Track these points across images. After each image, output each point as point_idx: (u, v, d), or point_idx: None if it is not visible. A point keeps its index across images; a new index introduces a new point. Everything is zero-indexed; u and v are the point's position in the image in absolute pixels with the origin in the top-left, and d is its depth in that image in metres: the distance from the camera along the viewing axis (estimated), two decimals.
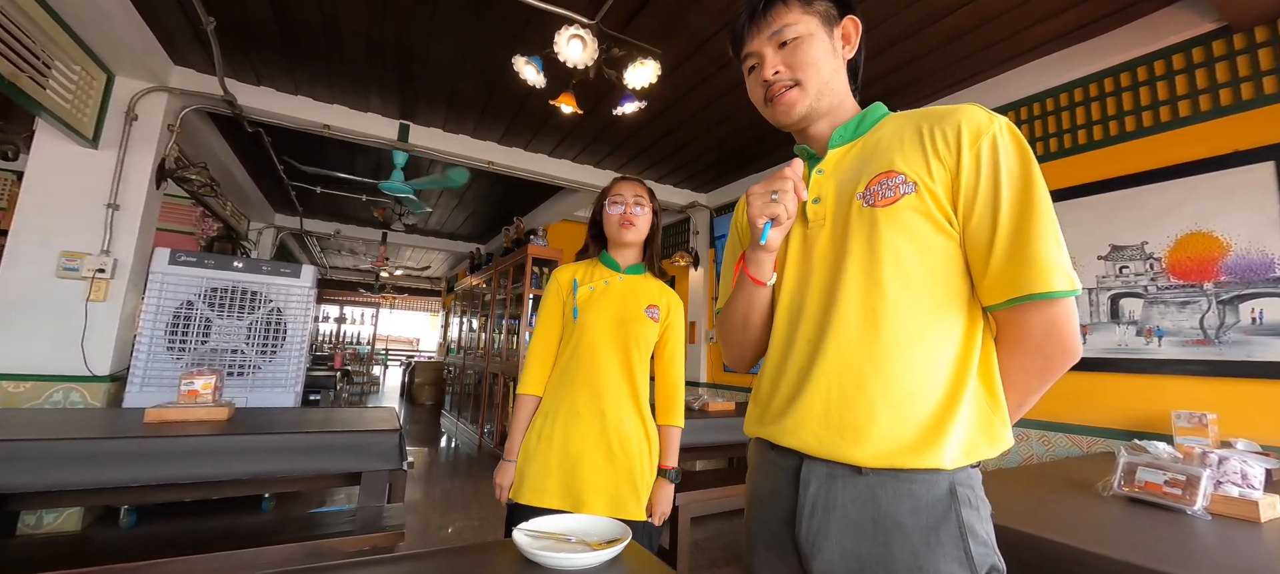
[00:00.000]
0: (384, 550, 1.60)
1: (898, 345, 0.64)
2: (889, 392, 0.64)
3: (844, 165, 0.75)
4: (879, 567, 0.62)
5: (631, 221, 1.35)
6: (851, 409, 0.65)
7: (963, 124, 0.66)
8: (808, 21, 0.74)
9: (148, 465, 1.49)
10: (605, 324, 1.32)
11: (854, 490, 0.64)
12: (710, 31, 2.53)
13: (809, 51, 0.74)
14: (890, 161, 0.69)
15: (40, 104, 2.32)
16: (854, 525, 0.63)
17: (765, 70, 0.76)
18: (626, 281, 1.38)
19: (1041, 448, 2.45)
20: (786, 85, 0.75)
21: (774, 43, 0.75)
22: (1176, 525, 1.10)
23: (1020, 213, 0.62)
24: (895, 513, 0.62)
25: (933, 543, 0.61)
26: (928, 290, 0.66)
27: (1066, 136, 2.52)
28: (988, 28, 2.40)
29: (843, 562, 0.63)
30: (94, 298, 2.68)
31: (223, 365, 2.79)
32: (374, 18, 2.56)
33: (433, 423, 7.05)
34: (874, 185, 0.68)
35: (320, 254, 9.47)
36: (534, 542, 0.79)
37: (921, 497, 0.62)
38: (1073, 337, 0.63)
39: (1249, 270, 1.96)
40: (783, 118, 0.77)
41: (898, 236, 0.66)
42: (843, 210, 0.71)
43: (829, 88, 0.75)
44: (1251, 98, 2.01)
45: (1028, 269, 0.61)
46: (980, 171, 0.64)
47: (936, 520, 0.61)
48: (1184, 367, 2.08)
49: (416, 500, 3.59)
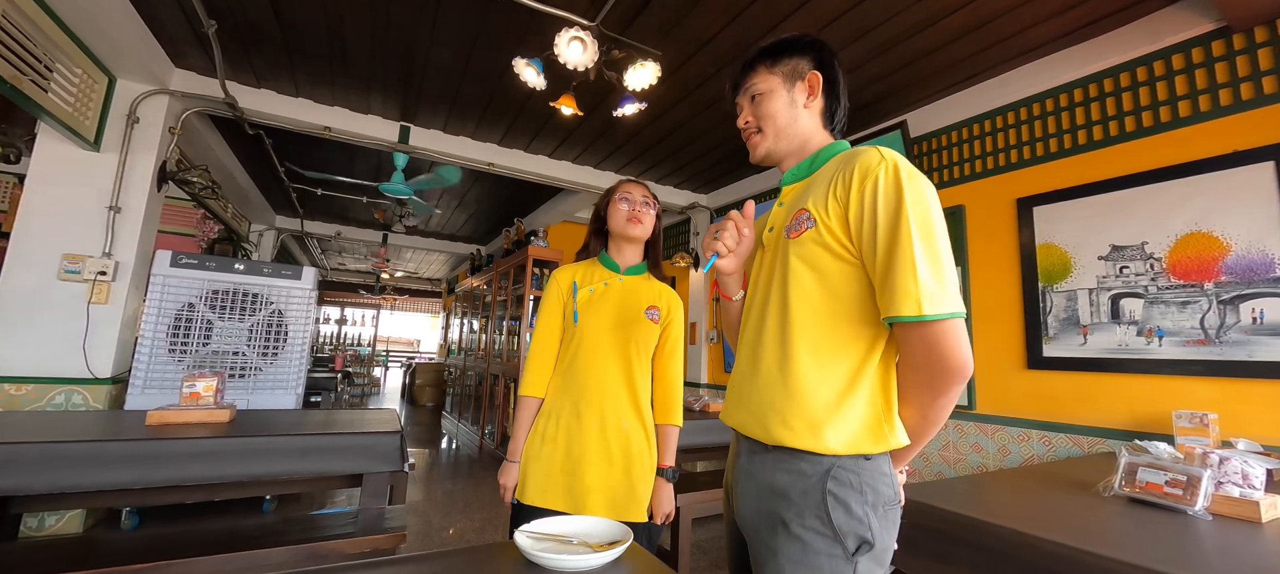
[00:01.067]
0: (385, 552, 1.60)
1: (798, 355, 0.79)
2: (787, 392, 0.79)
3: (791, 200, 0.90)
4: (764, 522, 0.80)
5: (639, 219, 1.36)
6: (765, 403, 0.82)
7: (856, 167, 0.77)
8: (770, 80, 0.92)
9: (150, 468, 1.50)
10: (605, 326, 1.33)
11: (761, 462, 0.83)
12: (710, 33, 2.54)
13: (768, 105, 0.92)
14: (805, 201, 0.84)
15: (42, 107, 2.32)
16: (760, 487, 0.82)
17: (739, 119, 0.97)
18: (626, 283, 1.38)
19: (1042, 448, 2.45)
20: (752, 131, 0.94)
21: (747, 97, 0.95)
22: (1177, 526, 1.10)
23: (890, 243, 0.72)
24: (783, 482, 0.79)
25: (803, 509, 0.76)
26: (828, 310, 0.79)
27: (1066, 137, 2.52)
28: (988, 28, 2.40)
29: (749, 513, 0.83)
30: (96, 300, 2.69)
31: (224, 368, 2.80)
32: (376, 20, 2.56)
33: (433, 424, 7.05)
34: (792, 221, 0.84)
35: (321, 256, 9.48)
36: (536, 544, 0.79)
37: (804, 472, 0.77)
38: (954, 355, 0.70)
39: (1250, 270, 1.96)
40: (752, 157, 0.96)
41: (800, 264, 0.81)
42: (777, 240, 0.87)
43: (786, 132, 0.92)
44: (1251, 98, 2.01)
45: (897, 294, 0.70)
46: (862, 208, 0.76)
47: (809, 490, 0.76)
48: (1185, 367, 2.08)
49: (417, 502, 3.59)
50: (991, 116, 2.83)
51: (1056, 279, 2.48)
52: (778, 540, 0.76)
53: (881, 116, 3.24)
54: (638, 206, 1.37)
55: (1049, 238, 2.52)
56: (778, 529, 0.77)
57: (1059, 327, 2.45)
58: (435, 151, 3.78)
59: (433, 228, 7.09)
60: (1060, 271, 2.47)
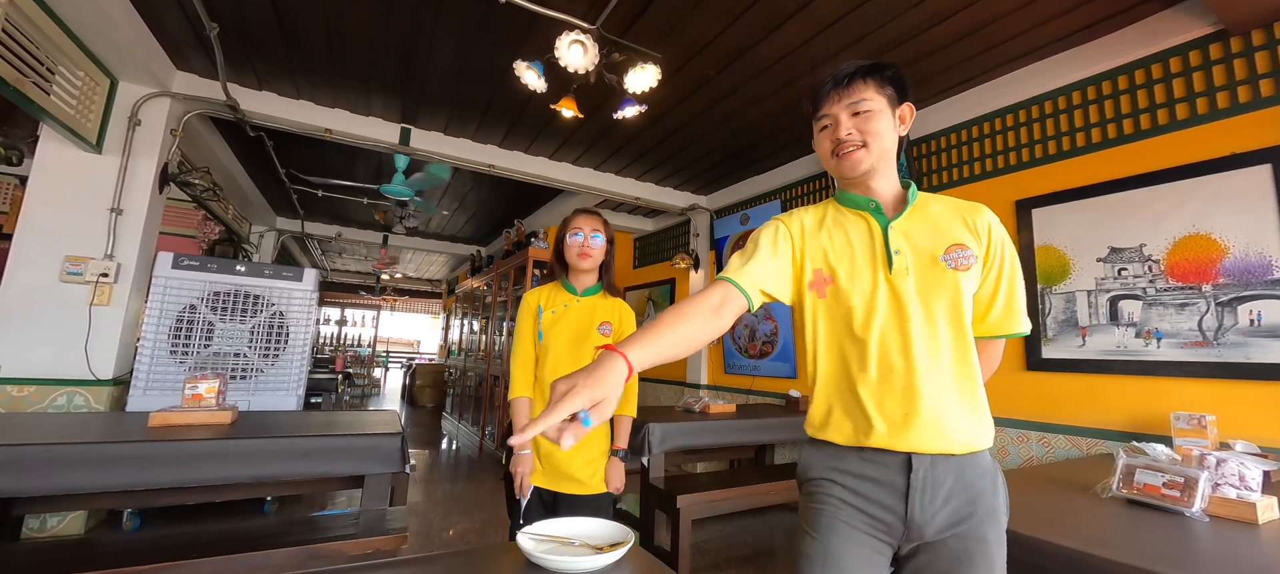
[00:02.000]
0: (387, 554, 1.60)
1: (972, 369, 0.90)
2: (972, 402, 0.89)
3: (912, 229, 0.94)
4: (971, 518, 0.85)
5: (588, 253, 1.57)
6: (950, 417, 0.87)
7: (985, 219, 0.95)
8: (879, 100, 0.93)
9: (152, 469, 1.50)
10: (564, 344, 1.56)
11: (949, 468, 0.86)
12: (710, 35, 2.55)
13: (877, 122, 0.93)
14: (958, 237, 0.93)
15: (44, 109, 2.33)
16: (954, 494, 0.85)
17: (840, 131, 0.94)
18: (582, 304, 1.61)
19: (1041, 450, 2.45)
20: (857, 145, 0.93)
21: (849, 110, 0.94)
22: (1174, 527, 1.10)
23: (1012, 281, 0.95)
24: (977, 481, 0.86)
25: (993, 497, 0.87)
26: (967, 323, 0.91)
27: (1065, 139, 2.53)
28: (987, 31, 2.41)
29: (947, 521, 0.85)
30: (98, 302, 2.69)
31: (225, 369, 2.80)
32: (377, 22, 2.57)
33: (434, 425, 7.05)
34: (953, 252, 0.91)
35: (321, 257, 9.49)
36: (538, 545, 0.80)
37: (984, 465, 0.89)
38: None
39: (1247, 272, 1.97)
40: (847, 171, 0.95)
41: (965, 293, 0.90)
42: (926, 266, 0.91)
43: (886, 155, 0.95)
44: (1249, 101, 2.02)
45: (1019, 317, 0.97)
46: (992, 252, 0.94)
47: (993, 476, 0.89)
48: (1182, 368, 2.08)
49: (418, 502, 3.59)
50: (991, 119, 2.83)
51: (1055, 281, 2.49)
52: (986, 530, 0.85)
53: None
54: (586, 240, 1.57)
55: (1048, 240, 2.53)
56: (984, 522, 0.85)
57: (1058, 328, 2.46)
58: (436, 153, 3.79)
59: (433, 229, 7.10)
60: (1059, 273, 2.48)
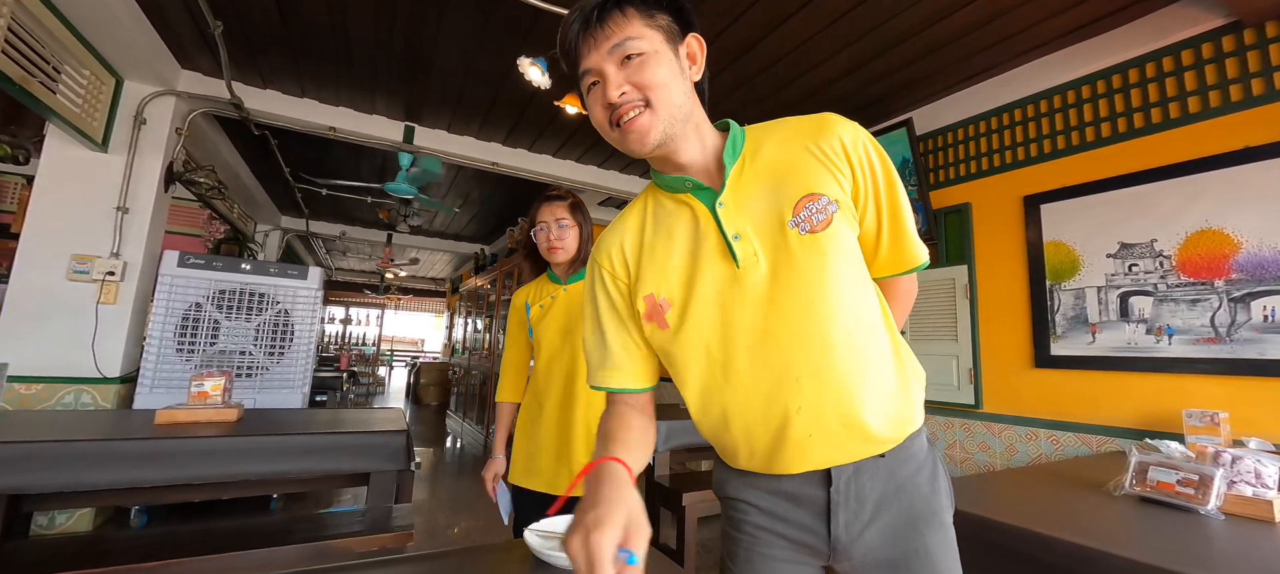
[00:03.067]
0: (393, 551, 1.60)
1: (870, 350, 0.69)
2: (881, 389, 0.69)
3: (745, 193, 0.71)
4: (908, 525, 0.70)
5: (557, 245, 1.50)
6: (859, 419, 0.68)
7: (837, 135, 0.70)
8: (652, 36, 0.67)
9: (159, 466, 1.50)
10: (555, 336, 1.50)
11: (875, 471, 0.71)
12: (713, 32, 2.53)
13: (655, 70, 0.66)
14: (807, 185, 0.68)
15: (51, 108, 2.34)
16: (884, 502, 0.70)
17: (610, 90, 0.67)
18: (570, 292, 1.53)
19: (1050, 447, 2.43)
20: (637, 107, 0.67)
21: (616, 58, 0.67)
22: (1190, 525, 1.09)
23: (895, 205, 0.72)
24: (907, 473, 0.71)
25: (934, 488, 0.72)
26: (860, 287, 0.71)
27: (1074, 133, 2.50)
28: (995, 24, 2.38)
29: (878, 536, 0.70)
30: (104, 300, 2.70)
31: (231, 367, 2.81)
32: (381, 20, 2.57)
33: (438, 423, 7.07)
34: (802, 209, 0.68)
35: (326, 255, 9.52)
36: (545, 542, 0.79)
37: (917, 455, 0.73)
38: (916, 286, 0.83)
39: (1261, 268, 1.94)
40: (635, 146, 0.68)
41: (836, 255, 0.68)
42: (774, 241, 0.68)
43: (680, 112, 0.68)
44: (1262, 93, 1.99)
45: (913, 248, 0.75)
46: (865, 175, 0.70)
47: (931, 468, 0.73)
48: (1195, 365, 2.06)
49: (422, 501, 3.60)
50: (998, 113, 2.81)
51: (1064, 277, 2.46)
52: (925, 538, 0.69)
53: (887, 114, 3.23)
54: (552, 233, 1.49)
55: (1057, 235, 2.51)
56: (921, 527, 0.69)
57: (1067, 325, 2.43)
58: (440, 151, 3.79)
59: (436, 227, 7.10)
60: (1068, 269, 2.45)
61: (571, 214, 1.51)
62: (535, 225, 1.53)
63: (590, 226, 1.57)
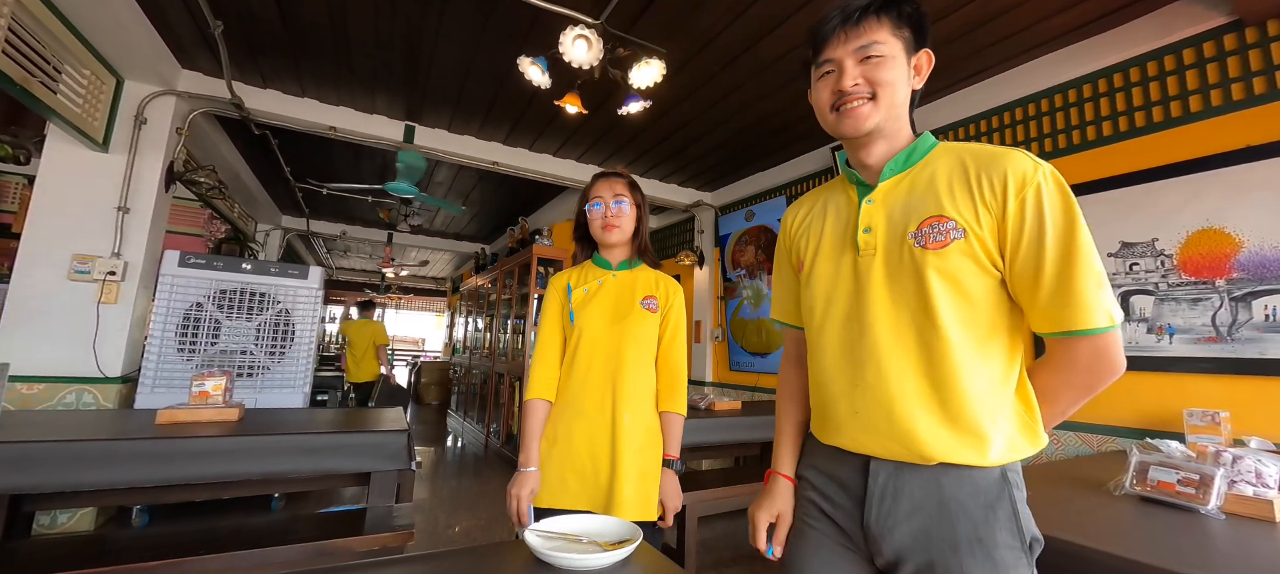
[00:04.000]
0: (394, 550, 1.61)
1: (953, 373, 0.72)
2: (947, 413, 0.72)
3: (894, 198, 0.79)
4: (944, 541, 0.71)
5: (614, 223, 1.33)
6: (914, 426, 0.73)
7: (1009, 171, 0.71)
8: (894, 43, 0.77)
9: (160, 466, 1.51)
10: (601, 323, 1.32)
11: (920, 478, 0.73)
12: (715, 30, 2.53)
13: (889, 71, 0.76)
14: (940, 206, 0.74)
15: (51, 108, 2.34)
16: (921, 508, 0.73)
17: (845, 80, 0.77)
18: (620, 279, 1.37)
19: (1052, 447, 2.43)
20: (863, 97, 0.77)
21: (858, 55, 0.77)
22: (1191, 525, 1.09)
23: (1064, 256, 0.68)
24: (958, 496, 0.71)
25: (990, 519, 0.70)
26: (973, 323, 0.73)
27: (1076, 132, 2.50)
28: (995, 23, 2.38)
29: (911, 538, 0.73)
30: (105, 300, 2.71)
31: (232, 366, 2.81)
32: (381, 19, 2.57)
33: (439, 423, 7.08)
34: (925, 227, 0.74)
35: (326, 255, 9.53)
36: (546, 542, 0.79)
37: (979, 483, 0.71)
38: (1116, 360, 0.71)
39: (1262, 267, 1.94)
40: (849, 129, 0.79)
41: (945, 279, 0.73)
42: (894, 246, 0.77)
43: (897, 111, 0.79)
44: (1264, 92, 1.99)
45: (1072, 309, 0.68)
46: (1025, 217, 0.70)
47: (993, 501, 0.71)
48: (1196, 364, 2.05)
49: (423, 500, 3.61)
50: (999, 113, 2.80)
51: None
52: (964, 561, 0.69)
53: None
54: (609, 209, 1.33)
55: None
56: (961, 549, 0.70)
57: None
58: (440, 150, 3.79)
59: (437, 227, 7.10)
60: None
61: (630, 192, 1.36)
62: (589, 201, 1.36)
63: (647, 214, 1.41)
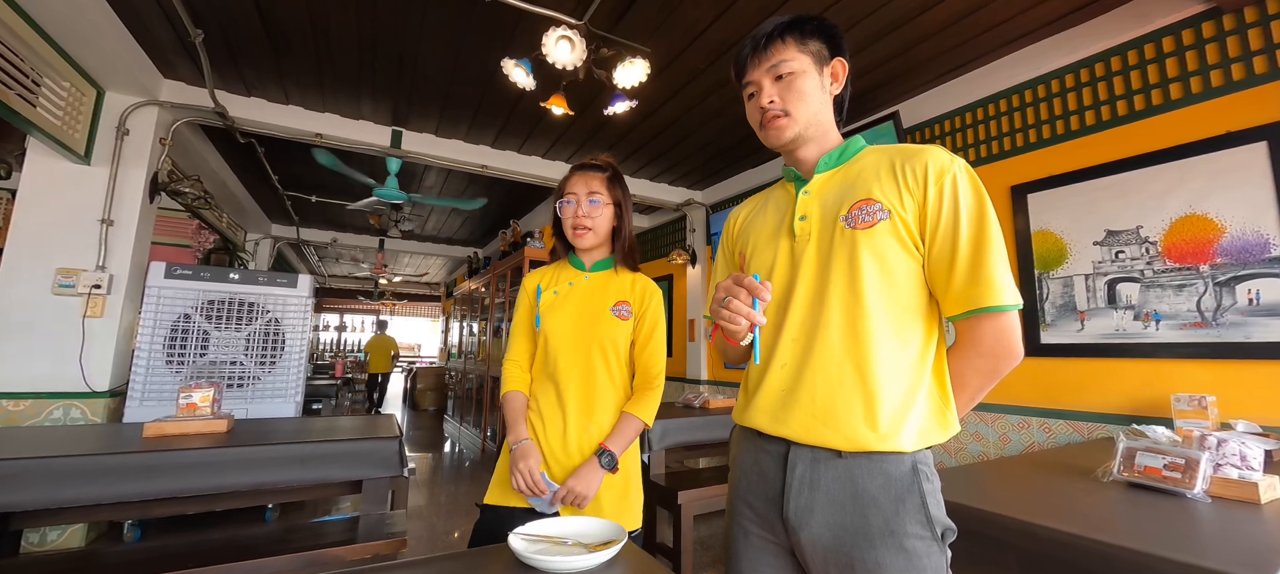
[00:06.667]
0: (386, 558, 1.60)
1: (873, 350, 0.76)
2: (865, 389, 0.75)
3: (828, 189, 0.86)
4: (858, 534, 0.73)
5: (585, 225, 1.25)
6: (834, 403, 0.76)
7: (929, 162, 0.78)
8: (801, 59, 0.86)
9: (149, 480, 1.49)
10: (567, 330, 1.25)
11: (834, 471, 0.76)
12: (700, 28, 2.53)
13: (800, 86, 0.85)
14: (868, 190, 0.81)
15: (31, 122, 2.31)
16: (835, 501, 0.75)
17: (762, 98, 0.87)
18: (592, 281, 1.30)
19: (1043, 436, 2.45)
20: (778, 114, 0.86)
21: (771, 75, 0.87)
22: (1176, 509, 1.10)
23: (977, 239, 0.75)
24: (870, 488, 0.74)
25: (900, 511, 0.73)
26: (895, 303, 0.78)
27: (1058, 122, 2.52)
28: (979, 14, 2.39)
29: (827, 531, 0.75)
30: (91, 314, 2.68)
31: (221, 377, 2.79)
32: (363, 23, 2.55)
33: (436, 428, 7.06)
34: (855, 210, 0.80)
35: (318, 263, 9.47)
36: (530, 545, 0.79)
37: (891, 474, 0.74)
38: (1016, 342, 0.77)
39: (1245, 251, 1.96)
40: (773, 141, 0.88)
41: (873, 256, 0.78)
42: (827, 230, 0.82)
43: (815, 119, 0.87)
44: (1243, 78, 2.01)
45: (982, 287, 0.74)
46: (942, 204, 0.77)
47: (903, 492, 0.74)
48: (1182, 350, 2.08)
49: (421, 506, 3.59)
50: (984, 104, 2.82)
51: (1052, 266, 2.48)
52: (880, 554, 0.72)
53: (875, 107, 3.23)
54: (581, 208, 1.24)
55: (1044, 225, 2.52)
56: (876, 542, 0.72)
57: (1056, 313, 2.45)
58: (428, 155, 3.77)
59: (429, 231, 7.08)
60: (1056, 258, 2.47)
61: (607, 188, 1.27)
62: (563, 196, 1.27)
63: (630, 211, 1.32)
